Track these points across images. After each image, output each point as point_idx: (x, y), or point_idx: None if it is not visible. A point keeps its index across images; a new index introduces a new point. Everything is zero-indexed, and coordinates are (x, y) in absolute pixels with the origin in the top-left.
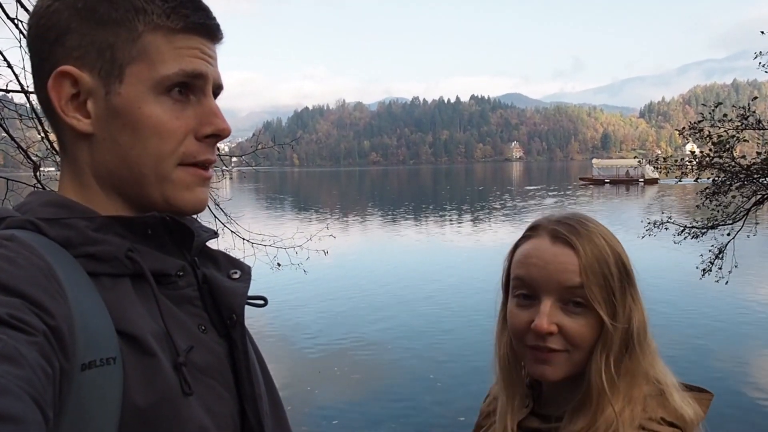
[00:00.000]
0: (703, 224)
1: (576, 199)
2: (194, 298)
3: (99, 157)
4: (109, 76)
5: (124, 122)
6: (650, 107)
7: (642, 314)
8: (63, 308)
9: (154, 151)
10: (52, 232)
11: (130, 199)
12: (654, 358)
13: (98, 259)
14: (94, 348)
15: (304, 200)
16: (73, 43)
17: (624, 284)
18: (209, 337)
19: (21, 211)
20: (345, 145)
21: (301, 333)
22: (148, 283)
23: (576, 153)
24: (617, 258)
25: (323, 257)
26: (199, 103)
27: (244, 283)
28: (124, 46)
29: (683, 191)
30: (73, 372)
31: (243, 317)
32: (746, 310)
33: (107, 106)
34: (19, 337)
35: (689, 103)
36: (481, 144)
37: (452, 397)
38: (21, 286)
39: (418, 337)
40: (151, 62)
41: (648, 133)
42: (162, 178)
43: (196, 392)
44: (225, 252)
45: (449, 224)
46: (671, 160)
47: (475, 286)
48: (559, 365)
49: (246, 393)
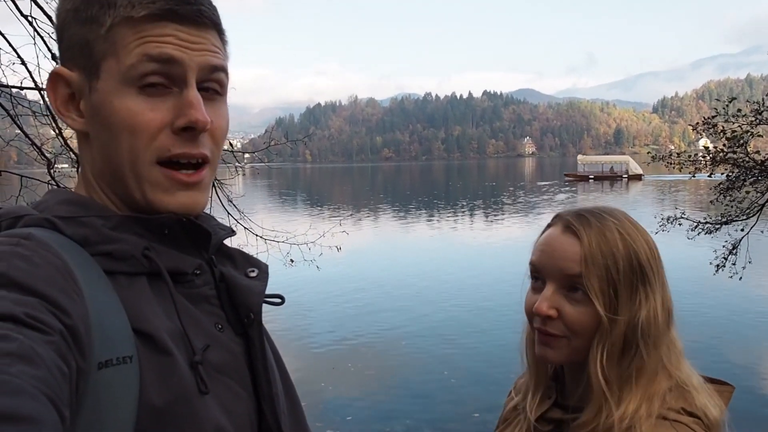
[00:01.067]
0: (716, 220)
1: (552, 196)
2: (211, 297)
3: (94, 156)
4: (90, 73)
5: (101, 119)
6: (663, 102)
7: (653, 312)
8: (79, 307)
9: (127, 147)
10: (69, 231)
11: (121, 199)
12: (678, 360)
13: (115, 258)
14: (110, 347)
15: (316, 196)
16: (67, 44)
17: (633, 280)
18: (226, 336)
19: (38, 209)
20: (357, 141)
21: (315, 329)
22: (164, 281)
23: (589, 148)
24: (629, 253)
25: (336, 253)
26: (179, 94)
27: (261, 281)
28: (97, 42)
29: (668, 186)
30: (90, 371)
31: (260, 316)
32: (760, 305)
33: (91, 103)
34: (36, 336)
35: (702, 99)
36: (494, 140)
37: (466, 394)
38: (38, 286)
39: (432, 334)
40: (118, 55)
41: (661, 129)
42: (138, 177)
43: (213, 391)
44: (242, 250)
45: (462, 220)
46: (684, 155)
47: (489, 281)
48: (560, 350)
49: (263, 392)
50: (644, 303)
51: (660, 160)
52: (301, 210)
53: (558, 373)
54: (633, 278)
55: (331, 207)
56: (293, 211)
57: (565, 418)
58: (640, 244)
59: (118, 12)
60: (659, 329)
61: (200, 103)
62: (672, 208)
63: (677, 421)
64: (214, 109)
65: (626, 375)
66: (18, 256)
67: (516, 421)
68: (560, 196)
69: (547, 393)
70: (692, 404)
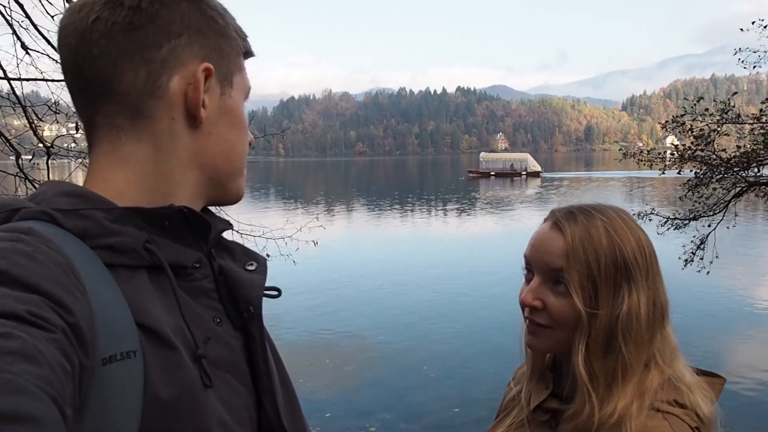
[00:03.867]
0: (685, 216)
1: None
2: (210, 290)
3: (203, 149)
4: (224, 79)
5: (232, 121)
6: (632, 100)
7: (635, 309)
8: (82, 304)
9: (244, 149)
10: (68, 224)
11: (217, 189)
12: (672, 357)
13: (116, 251)
14: (114, 342)
15: (290, 190)
16: (203, 43)
17: (617, 276)
18: (224, 330)
19: (35, 201)
20: (331, 135)
21: (292, 325)
22: (165, 275)
23: (560, 145)
24: (614, 250)
25: (313, 248)
26: None
27: (260, 274)
28: (235, 58)
29: (564, 182)
30: (94, 367)
31: (260, 309)
32: (727, 298)
33: (221, 104)
34: (38, 334)
35: (669, 97)
36: (467, 135)
37: (445, 388)
38: (40, 283)
39: (410, 328)
40: (243, 76)
41: (630, 126)
42: (240, 169)
43: (213, 386)
44: (241, 243)
45: (435, 214)
46: (654, 152)
47: (465, 274)
48: (545, 339)
49: (263, 385)
50: (626, 299)
51: (631, 156)
52: (274, 204)
53: (557, 363)
54: (616, 275)
55: (305, 201)
56: (267, 205)
57: (560, 408)
58: (627, 242)
59: (244, 44)
60: (642, 326)
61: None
62: (565, 199)
63: (669, 412)
64: None
65: (611, 370)
66: (19, 253)
67: (514, 410)
68: (530, 191)
69: (545, 383)
70: (684, 396)
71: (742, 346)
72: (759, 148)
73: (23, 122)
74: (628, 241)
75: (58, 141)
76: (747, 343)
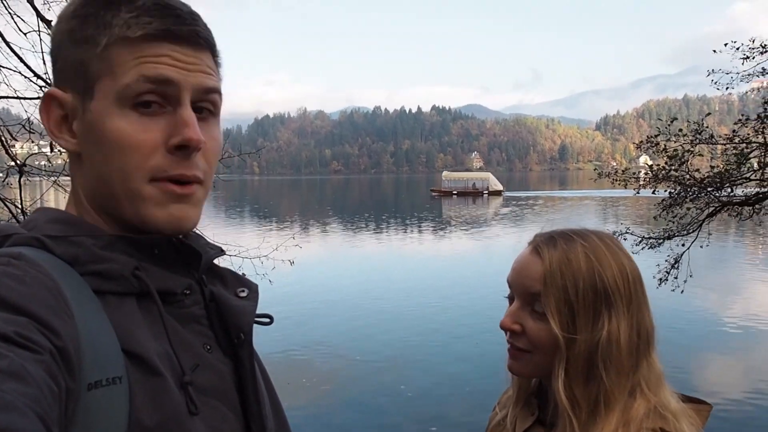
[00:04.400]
0: (659, 235)
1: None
2: (201, 317)
3: (85, 176)
4: (85, 93)
5: (94, 139)
6: (606, 120)
7: (615, 336)
8: (69, 328)
9: (119, 166)
10: (58, 250)
11: (113, 218)
12: (657, 385)
13: (105, 277)
14: (100, 367)
15: (264, 209)
16: (61, 65)
17: (596, 302)
18: (214, 357)
19: (27, 227)
20: (306, 153)
21: (267, 344)
22: (153, 301)
23: (534, 164)
24: (593, 275)
25: (288, 267)
26: (173, 113)
27: (252, 301)
28: (92, 62)
29: (526, 200)
30: (80, 392)
31: (251, 336)
32: (701, 316)
33: (84, 124)
34: (26, 355)
35: (643, 117)
36: (443, 154)
37: (422, 406)
38: (28, 306)
39: (387, 346)
40: (114, 75)
41: (604, 145)
42: (132, 195)
43: (201, 413)
44: (232, 270)
45: (410, 233)
46: (629, 172)
47: (439, 293)
48: (524, 363)
49: (252, 412)
50: (606, 326)
51: (606, 176)
52: (249, 223)
53: (542, 389)
54: (595, 301)
55: (279, 220)
56: (241, 223)
57: None
58: (607, 267)
59: (114, 32)
60: (623, 354)
61: (194, 122)
62: (529, 219)
63: None
64: (208, 129)
65: (593, 398)
66: (8, 276)
67: None
68: (505, 209)
69: (530, 409)
70: (671, 428)
71: (718, 366)
72: (732, 168)
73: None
74: (608, 267)
75: (30, 160)
76: (722, 362)
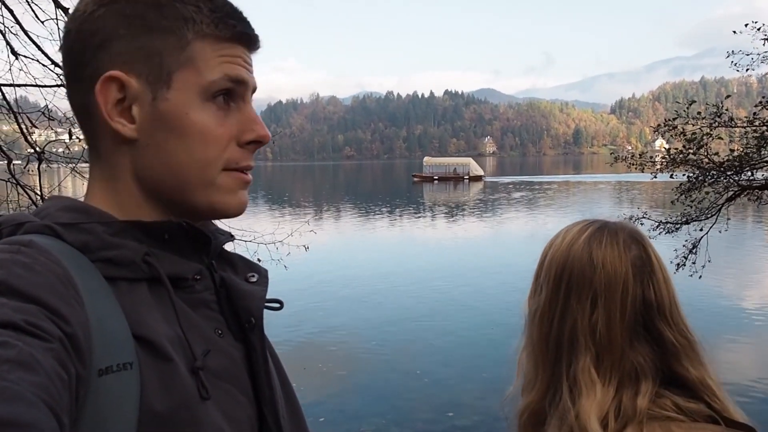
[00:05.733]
0: (677, 220)
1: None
2: (211, 302)
3: (142, 163)
4: (157, 81)
5: (170, 128)
6: (621, 103)
7: (580, 324)
8: (79, 315)
9: (200, 157)
10: (69, 237)
11: (172, 204)
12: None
13: (115, 264)
14: (110, 353)
15: (278, 195)
16: (120, 49)
17: (555, 286)
18: (225, 341)
19: (39, 216)
20: (319, 139)
21: (284, 329)
22: (164, 287)
23: (548, 148)
24: (565, 260)
25: (303, 253)
26: (239, 110)
27: (261, 286)
28: (172, 53)
29: (504, 186)
30: (90, 378)
31: (262, 321)
32: (719, 301)
33: (153, 111)
34: (35, 343)
35: (659, 100)
36: (455, 139)
37: (439, 392)
38: (38, 293)
39: (404, 331)
40: (198, 69)
41: (619, 129)
42: (208, 184)
43: (213, 397)
44: (242, 255)
45: (423, 218)
46: (646, 156)
47: (457, 278)
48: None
49: (264, 397)
50: (567, 313)
51: (623, 160)
52: (263, 208)
53: None
54: (555, 284)
55: (293, 205)
56: (256, 209)
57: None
58: (585, 254)
59: (200, 28)
60: (535, 338)
61: (261, 120)
62: (510, 203)
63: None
64: None
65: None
66: (18, 264)
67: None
68: (516, 194)
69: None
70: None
71: (737, 352)
72: (751, 151)
73: (13, 127)
74: (585, 255)
75: (49, 146)
76: (742, 347)
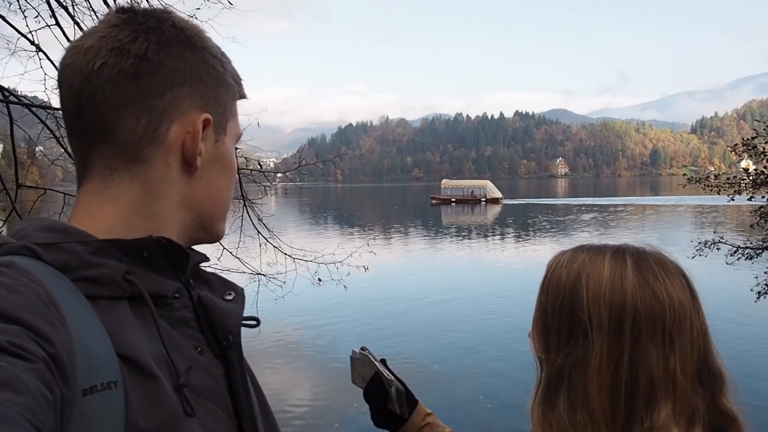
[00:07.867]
0: (757, 245)
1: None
2: (190, 320)
3: (194, 192)
4: (219, 127)
5: (221, 167)
6: (702, 123)
7: (656, 370)
8: (62, 335)
9: (230, 193)
10: (49, 257)
11: (200, 231)
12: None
13: (96, 282)
14: (94, 373)
15: (346, 215)
16: (204, 93)
17: (616, 330)
18: (206, 359)
19: (17, 237)
20: (388, 161)
21: (340, 346)
22: (146, 305)
23: (623, 170)
24: (622, 299)
25: (363, 273)
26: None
27: (238, 304)
28: (231, 104)
29: (522, 208)
30: (75, 398)
31: (239, 338)
32: None
33: (214, 151)
34: (19, 364)
35: (744, 119)
36: (525, 160)
37: (501, 418)
38: (20, 314)
39: (464, 355)
40: (237, 121)
41: (700, 149)
42: (224, 214)
43: (196, 414)
44: (217, 274)
45: (491, 239)
46: (723, 177)
47: (521, 304)
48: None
49: (244, 413)
50: (572, 349)
51: (696, 182)
52: (330, 229)
53: None
54: (561, 318)
55: (360, 225)
56: (323, 229)
57: None
58: (593, 287)
59: (240, 89)
60: (591, 391)
61: None
62: (526, 225)
63: None
64: None
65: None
66: (0, 285)
67: None
68: (586, 216)
69: None
70: None
71: None
72: None
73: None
74: (595, 286)
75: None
76: None
